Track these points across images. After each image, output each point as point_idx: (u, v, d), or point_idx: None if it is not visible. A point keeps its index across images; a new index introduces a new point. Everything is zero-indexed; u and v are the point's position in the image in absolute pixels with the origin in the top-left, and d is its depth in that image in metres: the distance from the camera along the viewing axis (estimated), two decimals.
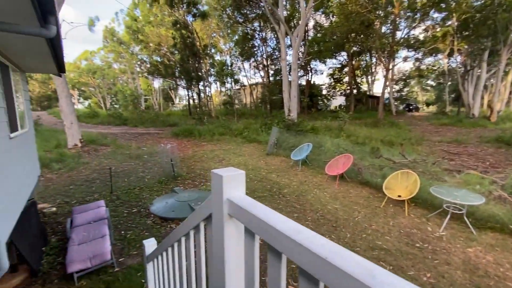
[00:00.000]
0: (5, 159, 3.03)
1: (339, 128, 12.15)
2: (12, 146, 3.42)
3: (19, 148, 3.86)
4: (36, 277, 3.46)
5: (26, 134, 4.57)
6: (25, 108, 4.81)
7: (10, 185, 3.07)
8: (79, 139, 10.28)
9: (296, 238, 0.54)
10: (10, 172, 3.16)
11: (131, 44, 29.61)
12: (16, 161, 3.59)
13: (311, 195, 6.11)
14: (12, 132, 3.51)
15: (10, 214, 2.92)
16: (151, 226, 4.75)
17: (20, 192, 3.54)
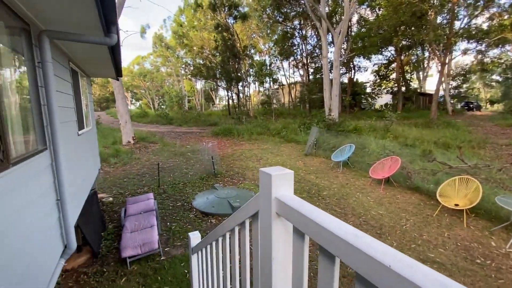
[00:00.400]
0: (74, 153, 3.48)
1: (385, 128, 11.33)
2: (79, 142, 3.91)
3: (84, 144, 4.40)
4: (96, 258, 3.90)
5: (90, 131, 5.18)
6: (89, 108, 5.46)
7: (78, 176, 3.51)
8: (132, 137, 11.33)
9: (353, 242, 0.51)
10: (78, 165, 3.61)
11: (177, 49, 31.61)
12: (82, 155, 4.10)
13: (353, 199, 5.81)
14: (80, 130, 4.02)
15: (77, 201, 3.34)
16: (193, 220, 5.01)
17: (85, 182, 4.03)
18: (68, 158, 3.07)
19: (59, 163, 2.45)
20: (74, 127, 3.65)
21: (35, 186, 2.01)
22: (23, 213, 1.78)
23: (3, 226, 1.50)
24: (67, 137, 3.13)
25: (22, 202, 1.79)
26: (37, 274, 1.94)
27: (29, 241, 1.83)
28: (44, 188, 2.20)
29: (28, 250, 1.78)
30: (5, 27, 1.90)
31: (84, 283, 3.38)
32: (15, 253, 1.59)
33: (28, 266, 1.76)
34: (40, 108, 2.31)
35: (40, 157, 2.17)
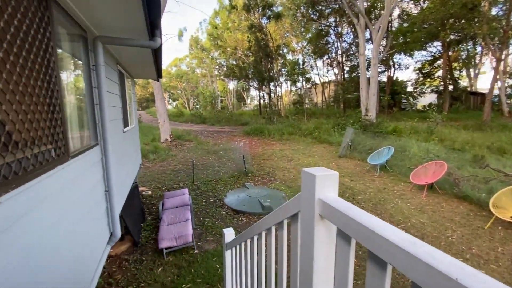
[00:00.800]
0: (119, 149, 3.77)
1: (429, 130, 10.45)
2: (124, 139, 4.23)
3: (128, 141, 4.76)
4: (137, 247, 4.19)
5: (133, 129, 5.58)
6: (133, 108, 5.89)
7: (123, 170, 3.80)
8: (169, 135, 11.99)
9: (411, 250, 0.47)
10: (122, 160, 3.92)
11: (211, 50, 32.64)
12: (126, 151, 4.43)
13: (391, 205, 5.46)
14: (125, 127, 4.35)
15: (122, 193, 3.62)
16: (224, 217, 5.13)
17: (128, 176, 4.35)
18: (115, 153, 3.34)
19: (108, 157, 2.67)
20: (120, 125, 3.97)
21: (88, 178, 2.22)
22: (79, 202, 1.98)
23: (64, 213, 1.69)
24: (114, 134, 3.41)
25: (79, 192, 1.99)
26: (89, 257, 2.14)
27: (84, 228, 2.03)
28: (95, 180, 2.42)
29: (82, 236, 1.98)
30: (67, 34, 2.13)
31: (125, 269, 3.65)
32: (72, 238, 1.78)
33: (82, 250, 1.95)
34: (93, 107, 2.55)
35: (92, 151, 2.39)
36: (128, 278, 3.45)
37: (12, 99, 1.19)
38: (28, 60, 1.36)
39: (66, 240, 1.68)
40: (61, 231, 1.60)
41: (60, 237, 1.59)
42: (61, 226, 1.61)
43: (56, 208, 1.57)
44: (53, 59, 1.65)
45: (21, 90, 1.27)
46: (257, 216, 5.14)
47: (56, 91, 1.67)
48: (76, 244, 1.84)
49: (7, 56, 1.18)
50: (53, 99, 1.63)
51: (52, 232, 1.49)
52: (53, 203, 1.53)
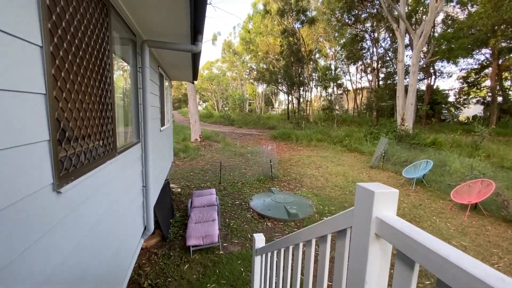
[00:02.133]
0: (156, 147, 3.96)
1: (474, 145, 9.58)
2: (160, 137, 4.45)
3: (163, 139, 4.99)
4: (165, 242, 4.35)
5: (168, 128, 5.84)
6: (169, 108, 6.17)
7: (158, 167, 3.98)
8: (199, 135, 12.38)
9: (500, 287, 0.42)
10: (158, 157, 4.11)
11: (243, 54, 33.25)
12: (162, 149, 4.65)
13: (428, 223, 5.08)
14: (162, 126, 4.57)
15: (156, 189, 3.79)
16: (250, 220, 5.14)
17: (162, 173, 4.55)
18: (152, 150, 3.51)
19: (147, 154, 2.81)
20: (158, 124, 4.17)
21: (130, 173, 2.36)
22: (122, 195, 2.11)
23: (111, 205, 1.80)
24: (153, 132, 3.59)
25: (123, 185, 2.11)
26: (126, 248, 2.26)
27: (124, 220, 2.15)
28: (136, 175, 2.56)
29: (123, 227, 2.09)
30: (120, 38, 2.29)
31: (154, 262, 3.80)
32: (115, 229, 1.89)
33: (122, 241, 2.07)
34: (137, 107, 2.71)
35: (135, 148, 2.54)
36: (156, 272, 3.59)
37: (75, 98, 1.30)
38: (90, 62, 1.48)
39: (110, 231, 1.79)
40: (106, 222, 1.71)
41: (106, 228, 1.70)
42: (107, 218, 1.72)
43: (104, 200, 1.68)
44: (109, 62, 1.79)
45: (83, 90, 1.39)
46: (282, 222, 5.08)
47: (110, 91, 1.80)
48: (117, 235, 1.95)
49: (74, 58, 1.29)
50: (107, 99, 1.76)
51: (100, 223, 1.59)
52: (103, 195, 1.65)
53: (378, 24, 20.07)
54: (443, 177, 7.25)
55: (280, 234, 4.63)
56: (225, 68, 45.13)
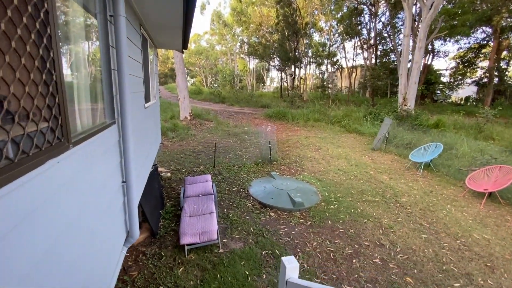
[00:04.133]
0: (140, 128, 3.21)
1: (477, 127, 9.26)
2: (145, 116, 3.66)
3: (149, 118, 4.20)
4: (155, 238, 3.75)
5: (154, 105, 5.01)
6: (155, 81, 5.29)
7: (143, 153, 3.25)
8: (189, 113, 11.46)
9: None
10: (143, 141, 3.36)
11: (234, 26, 31.19)
12: (147, 130, 3.88)
13: (443, 212, 4.70)
14: (146, 103, 3.76)
15: (141, 181, 3.09)
16: (250, 210, 4.59)
17: (148, 159, 3.83)
18: (135, 133, 2.76)
19: (127, 139, 2.08)
20: (141, 99, 3.38)
21: (100, 168, 1.64)
22: (91, 200, 1.42)
23: (73, 219, 1.12)
24: (135, 110, 2.82)
25: (90, 188, 1.41)
26: (103, 267, 1.62)
27: (96, 233, 1.48)
28: (110, 170, 1.85)
29: (93, 244, 1.43)
30: None
31: (142, 265, 3.21)
32: (81, 252, 1.22)
33: (94, 262, 1.42)
34: (110, 74, 1.92)
35: (107, 132, 1.80)
36: (145, 277, 3.01)
37: None
38: None
39: (74, 256, 1.12)
40: (64, 247, 1.03)
41: (65, 254, 1.03)
42: (65, 240, 1.04)
43: (57, 217, 0.99)
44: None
45: None
46: (287, 212, 4.56)
47: (52, 48, 1.03)
48: (86, 258, 1.29)
49: None
50: (47, 60, 1.00)
51: (54, 250, 0.92)
52: (53, 210, 0.96)
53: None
54: (450, 161, 6.90)
55: (286, 226, 4.12)
56: (214, 42, 42.73)
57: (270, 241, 3.72)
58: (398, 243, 3.81)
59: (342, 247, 3.68)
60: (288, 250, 3.56)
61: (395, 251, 3.64)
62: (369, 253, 3.58)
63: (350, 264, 3.37)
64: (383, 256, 3.53)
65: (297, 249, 3.60)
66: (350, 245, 3.73)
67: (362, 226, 4.22)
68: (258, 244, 3.66)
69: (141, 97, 3.37)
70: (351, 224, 4.27)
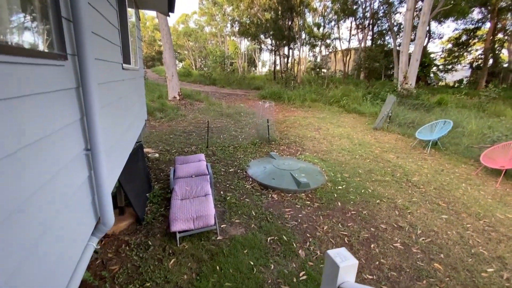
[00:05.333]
0: (116, 90, 2.56)
1: (479, 105, 8.96)
2: (124, 80, 3.00)
3: (130, 85, 3.53)
4: (140, 225, 3.20)
5: (137, 73, 4.31)
6: (138, 46, 4.54)
7: (120, 122, 2.63)
8: (177, 92, 10.64)
9: None
10: (121, 107, 2.73)
11: (224, 5, 29.54)
12: (128, 97, 3.23)
13: (459, 192, 4.33)
14: (125, 63, 3.09)
15: (119, 155, 2.49)
16: (250, 192, 4.08)
17: (130, 132, 3.20)
18: (108, 92, 2.12)
19: (89, 88, 1.46)
20: (117, 54, 2.70)
21: (36, 121, 1.04)
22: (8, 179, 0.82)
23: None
24: (107, 60, 2.17)
25: None
26: (51, 269, 1.05)
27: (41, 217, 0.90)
28: (59, 128, 1.24)
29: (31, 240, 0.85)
30: None
31: (125, 256, 2.67)
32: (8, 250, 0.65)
33: (37, 266, 0.84)
34: None
35: (51, 70, 1.18)
36: (128, 272, 2.48)
37: None
38: None
39: None
40: None
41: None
42: None
43: None
44: None
45: None
46: (291, 194, 4.08)
47: None
48: (18, 251, 0.72)
49: None
50: None
51: None
52: None
53: None
54: (457, 139, 6.56)
55: (292, 209, 3.65)
56: (204, 22, 40.75)
57: (276, 226, 3.24)
58: (418, 225, 3.41)
59: (357, 230, 3.24)
60: (297, 236, 3.09)
61: (416, 234, 3.23)
62: (387, 236, 3.16)
63: (368, 249, 2.94)
64: (403, 239, 3.12)
65: (306, 234, 3.13)
66: (365, 229, 3.29)
67: (375, 207, 3.79)
68: (262, 229, 3.17)
69: (117, 52, 2.69)
70: (363, 205, 3.83)
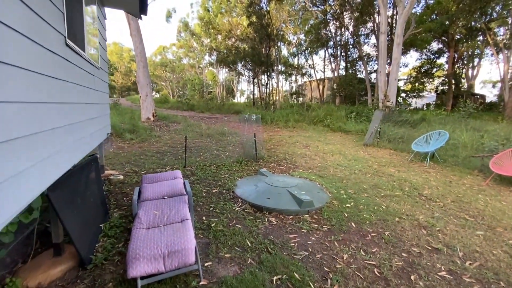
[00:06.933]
0: (59, 69, 1.75)
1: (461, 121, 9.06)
2: (69, 58, 2.19)
3: (84, 76, 2.71)
4: (85, 269, 2.17)
5: (97, 71, 3.50)
6: (99, 42, 3.79)
7: (56, 113, 1.77)
8: (152, 113, 9.75)
9: None
10: (58, 94, 1.88)
11: (202, 37, 30.15)
12: (79, 88, 2.39)
13: (480, 204, 3.79)
14: (71, 41, 2.30)
15: (53, 157, 1.60)
16: (241, 216, 3.20)
17: (76, 134, 2.31)
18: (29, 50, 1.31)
19: None
20: (56, 20, 1.93)
21: None
22: None
23: None
24: (34, 19, 1.39)
25: None
26: None
27: None
28: None
29: None
30: None
31: None
32: None
33: None
34: None
35: None
36: None
37: None
38: None
39: None
40: None
41: None
42: None
43: None
44: None
45: None
46: (292, 215, 3.26)
47: None
48: None
49: None
50: None
51: None
52: None
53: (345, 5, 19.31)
54: (453, 151, 6.27)
55: (297, 234, 2.82)
56: (182, 54, 41.24)
57: (281, 259, 2.37)
58: (455, 245, 2.71)
59: (386, 258, 2.46)
60: (312, 271, 2.24)
61: (458, 256, 2.52)
62: (426, 263, 2.41)
63: (409, 283, 2.15)
64: (448, 266, 2.38)
65: (324, 268, 2.29)
66: (395, 254, 2.53)
67: (396, 226, 3.07)
68: (263, 265, 2.28)
69: (56, 17, 1.92)
70: (382, 225, 3.10)
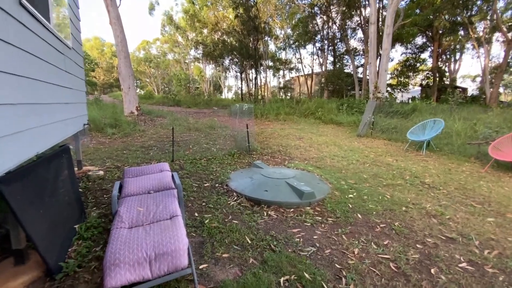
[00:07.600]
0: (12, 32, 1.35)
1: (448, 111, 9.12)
2: (24, 21, 1.79)
3: (48, 52, 2.29)
4: (53, 280, 1.80)
5: (68, 50, 3.06)
6: (71, 18, 3.33)
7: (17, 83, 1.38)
8: (135, 107, 9.18)
9: None
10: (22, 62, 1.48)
11: (187, 30, 29.25)
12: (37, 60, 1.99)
13: (483, 190, 3.66)
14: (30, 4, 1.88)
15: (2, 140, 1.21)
16: (238, 211, 2.89)
17: (41, 116, 1.91)
18: None
19: None
20: None
21: None
22: None
23: None
24: None
25: None
26: None
27: None
28: None
29: None
30: None
31: None
32: None
33: None
34: None
35: None
36: None
37: None
38: None
39: None
40: None
41: None
42: None
43: None
44: None
45: None
46: (293, 208, 2.98)
47: None
48: None
49: None
50: None
51: None
52: None
53: None
54: (447, 139, 6.22)
55: (301, 228, 2.54)
56: (166, 49, 40.00)
57: (287, 257, 2.08)
58: (469, 233, 2.53)
59: (401, 250, 2.23)
60: (323, 269, 1.97)
61: (475, 246, 2.33)
62: (444, 254, 2.19)
63: (430, 277, 1.92)
64: (467, 256, 2.18)
65: (335, 265, 2.03)
66: (409, 246, 2.30)
67: (405, 216, 2.86)
68: (267, 264, 1.99)
69: None
70: (390, 215, 2.88)
